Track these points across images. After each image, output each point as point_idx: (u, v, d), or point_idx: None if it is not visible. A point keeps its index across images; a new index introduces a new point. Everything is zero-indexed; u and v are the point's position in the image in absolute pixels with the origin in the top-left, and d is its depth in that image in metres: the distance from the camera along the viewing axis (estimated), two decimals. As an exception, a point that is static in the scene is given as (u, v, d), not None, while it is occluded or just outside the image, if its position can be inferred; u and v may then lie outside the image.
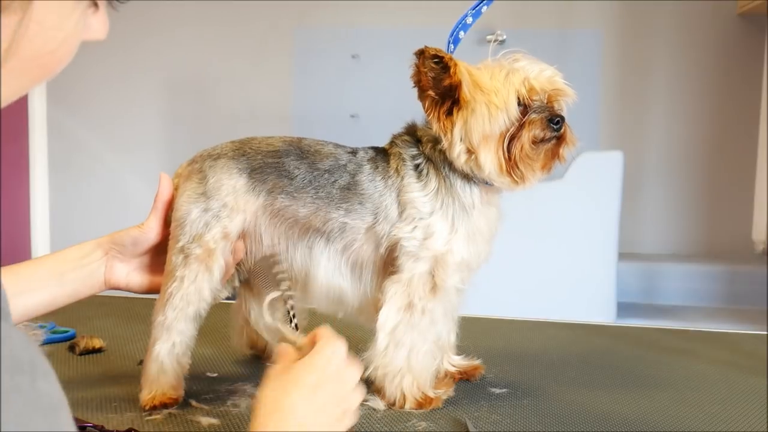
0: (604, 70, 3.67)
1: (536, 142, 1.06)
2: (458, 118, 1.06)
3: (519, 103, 1.06)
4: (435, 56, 1.05)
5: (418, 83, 1.07)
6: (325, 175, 1.10)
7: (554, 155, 1.09)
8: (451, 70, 1.05)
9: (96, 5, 0.53)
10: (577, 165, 2.78)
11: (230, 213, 1.08)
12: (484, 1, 1.12)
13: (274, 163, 1.10)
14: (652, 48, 3.65)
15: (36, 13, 0.48)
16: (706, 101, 3.61)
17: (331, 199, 1.09)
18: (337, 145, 1.14)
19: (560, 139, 1.08)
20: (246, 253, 1.13)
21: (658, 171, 3.66)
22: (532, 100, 1.07)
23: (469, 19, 1.12)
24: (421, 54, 1.05)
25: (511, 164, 1.06)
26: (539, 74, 1.07)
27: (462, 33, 1.12)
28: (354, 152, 1.13)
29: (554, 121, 1.06)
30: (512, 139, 1.06)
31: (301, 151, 1.12)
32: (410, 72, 1.07)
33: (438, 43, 1.09)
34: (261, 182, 1.10)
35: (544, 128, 1.06)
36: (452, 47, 1.11)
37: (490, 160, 1.06)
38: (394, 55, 1.94)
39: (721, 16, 3.57)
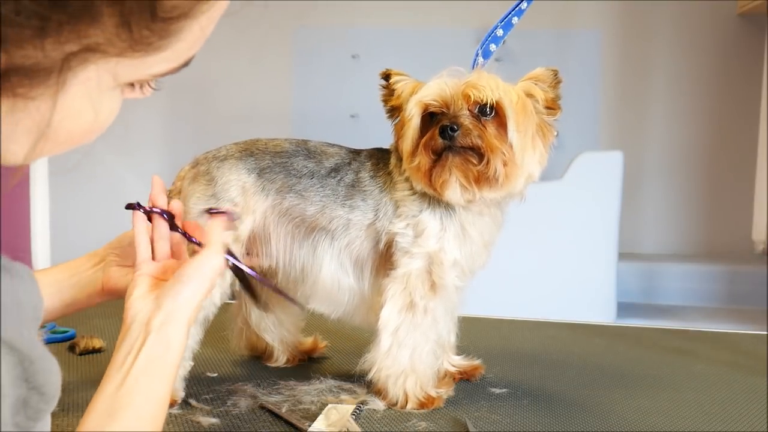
0: (603, 70, 3.67)
1: (432, 152, 1.04)
2: (401, 135, 1.09)
3: (432, 116, 1.06)
4: (387, 77, 1.11)
5: (385, 103, 1.12)
6: (332, 173, 1.11)
7: (475, 170, 1.04)
8: (395, 94, 1.10)
9: (132, 85, 0.53)
10: (577, 165, 2.78)
11: (240, 214, 1.08)
12: (514, 12, 1.11)
13: (282, 163, 1.11)
14: (652, 48, 3.65)
15: (65, 101, 0.48)
16: (706, 101, 3.61)
17: (336, 197, 1.10)
18: (341, 147, 1.15)
19: (481, 153, 1.03)
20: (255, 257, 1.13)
21: (658, 171, 3.65)
22: (438, 110, 1.05)
23: (500, 32, 1.11)
24: (383, 76, 1.12)
25: (420, 175, 1.05)
26: (442, 86, 1.05)
27: (493, 46, 1.10)
28: (358, 152, 1.15)
29: (443, 129, 1.02)
30: (416, 150, 1.05)
31: (308, 151, 1.13)
32: (380, 96, 1.13)
33: (438, 42, 1.10)
34: (270, 182, 1.10)
35: (434, 137, 1.04)
36: (482, 60, 1.10)
37: (413, 174, 1.06)
38: (394, 55, 1.94)
39: (721, 16, 3.56)
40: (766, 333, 1.55)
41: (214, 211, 0.86)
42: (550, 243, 2.78)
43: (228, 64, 3.80)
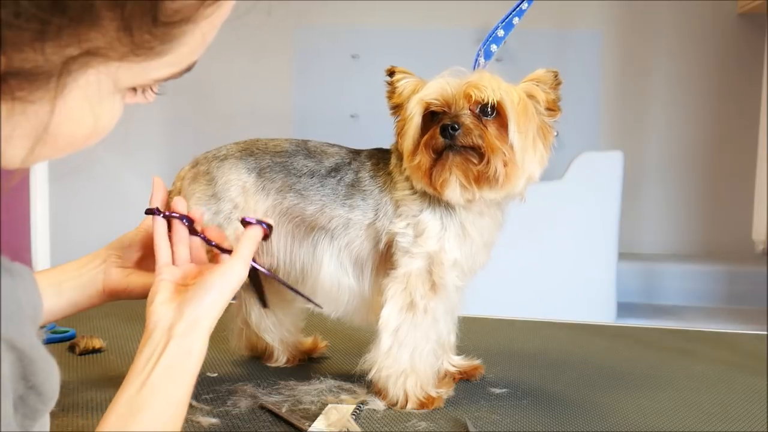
0: (604, 70, 3.67)
1: (433, 150, 1.04)
2: (402, 134, 1.09)
3: (433, 115, 1.06)
4: (391, 74, 1.11)
5: (389, 100, 1.12)
6: (332, 173, 1.11)
7: (475, 169, 1.04)
8: (396, 92, 1.10)
9: (134, 90, 0.53)
10: (577, 165, 2.78)
11: (241, 214, 1.08)
12: (515, 13, 1.10)
13: (282, 163, 1.11)
14: (652, 48, 3.65)
15: (65, 105, 0.48)
16: (706, 101, 3.61)
17: (336, 196, 1.10)
18: (341, 146, 1.15)
19: (481, 153, 1.03)
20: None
21: (658, 171, 3.65)
22: (440, 109, 1.05)
23: (501, 32, 1.10)
24: (388, 73, 1.12)
25: (421, 174, 1.05)
26: (444, 85, 1.05)
27: (494, 46, 1.10)
28: (358, 152, 1.15)
29: (444, 128, 1.02)
30: (417, 149, 1.06)
31: (308, 151, 1.13)
32: (385, 93, 1.13)
33: (438, 42, 1.10)
34: (270, 181, 1.10)
35: (435, 136, 1.04)
36: (483, 60, 1.10)
37: (413, 173, 1.07)
38: (394, 55, 1.94)
39: (721, 16, 3.56)
40: (766, 333, 1.55)
41: (249, 221, 0.86)
42: (550, 243, 2.78)
43: (228, 64, 3.80)
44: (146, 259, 1.12)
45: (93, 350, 1.33)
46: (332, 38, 3.77)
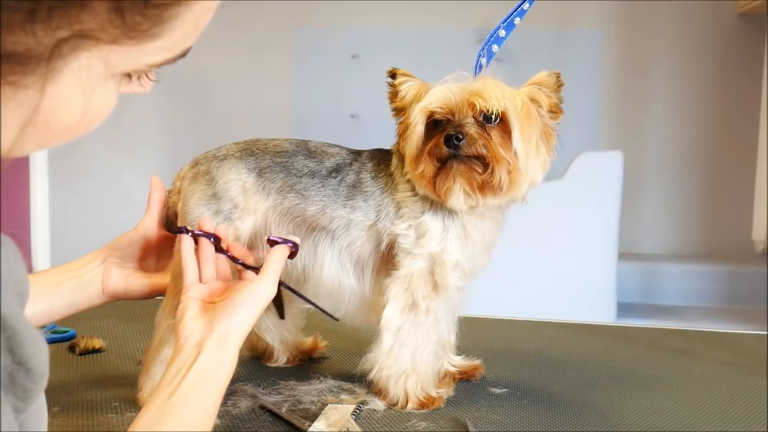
0: (604, 70, 3.67)
1: (437, 159, 1.04)
2: (404, 138, 1.09)
3: (436, 123, 1.06)
4: (393, 76, 1.11)
5: (391, 102, 1.12)
6: (333, 173, 1.11)
7: (480, 178, 1.04)
8: (399, 95, 1.10)
9: (129, 77, 0.53)
10: (577, 165, 2.78)
11: (241, 214, 1.08)
12: (516, 13, 1.10)
13: (283, 163, 1.11)
14: (652, 48, 3.65)
15: (56, 90, 0.47)
16: (706, 101, 3.61)
17: (337, 197, 1.10)
18: (342, 147, 1.15)
19: (486, 162, 1.03)
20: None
21: (658, 171, 3.66)
22: (443, 117, 1.05)
23: (502, 32, 1.10)
24: (389, 75, 1.11)
25: (425, 182, 1.05)
26: (447, 93, 1.05)
27: (495, 46, 1.10)
28: (359, 152, 1.15)
29: (448, 138, 1.02)
30: (421, 156, 1.06)
31: (309, 151, 1.13)
32: (387, 94, 1.13)
33: (438, 42, 1.10)
34: (270, 181, 1.10)
35: (439, 145, 1.04)
36: (484, 61, 1.10)
37: (417, 180, 1.06)
38: (394, 55, 1.95)
39: (721, 16, 3.57)
40: (766, 333, 1.55)
41: (275, 239, 0.91)
42: (550, 243, 2.78)
43: (228, 63, 3.80)
44: (145, 259, 1.12)
45: (93, 350, 1.33)
46: (332, 38, 3.77)
